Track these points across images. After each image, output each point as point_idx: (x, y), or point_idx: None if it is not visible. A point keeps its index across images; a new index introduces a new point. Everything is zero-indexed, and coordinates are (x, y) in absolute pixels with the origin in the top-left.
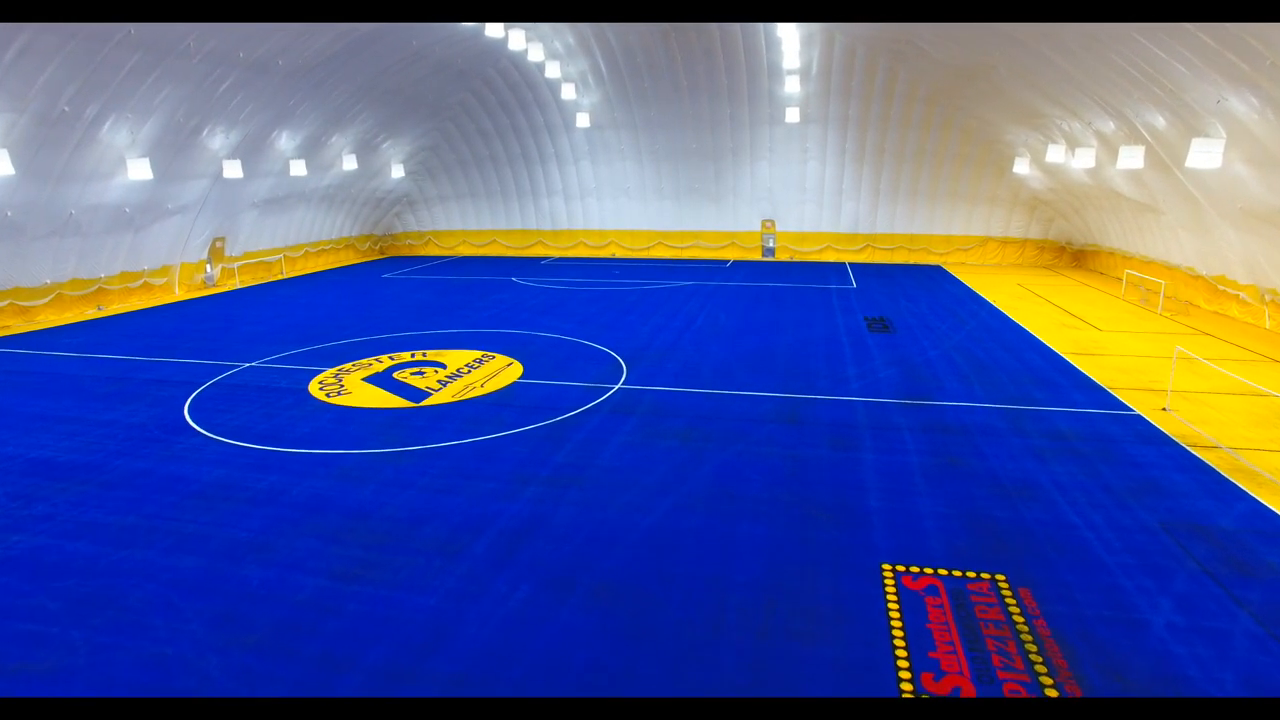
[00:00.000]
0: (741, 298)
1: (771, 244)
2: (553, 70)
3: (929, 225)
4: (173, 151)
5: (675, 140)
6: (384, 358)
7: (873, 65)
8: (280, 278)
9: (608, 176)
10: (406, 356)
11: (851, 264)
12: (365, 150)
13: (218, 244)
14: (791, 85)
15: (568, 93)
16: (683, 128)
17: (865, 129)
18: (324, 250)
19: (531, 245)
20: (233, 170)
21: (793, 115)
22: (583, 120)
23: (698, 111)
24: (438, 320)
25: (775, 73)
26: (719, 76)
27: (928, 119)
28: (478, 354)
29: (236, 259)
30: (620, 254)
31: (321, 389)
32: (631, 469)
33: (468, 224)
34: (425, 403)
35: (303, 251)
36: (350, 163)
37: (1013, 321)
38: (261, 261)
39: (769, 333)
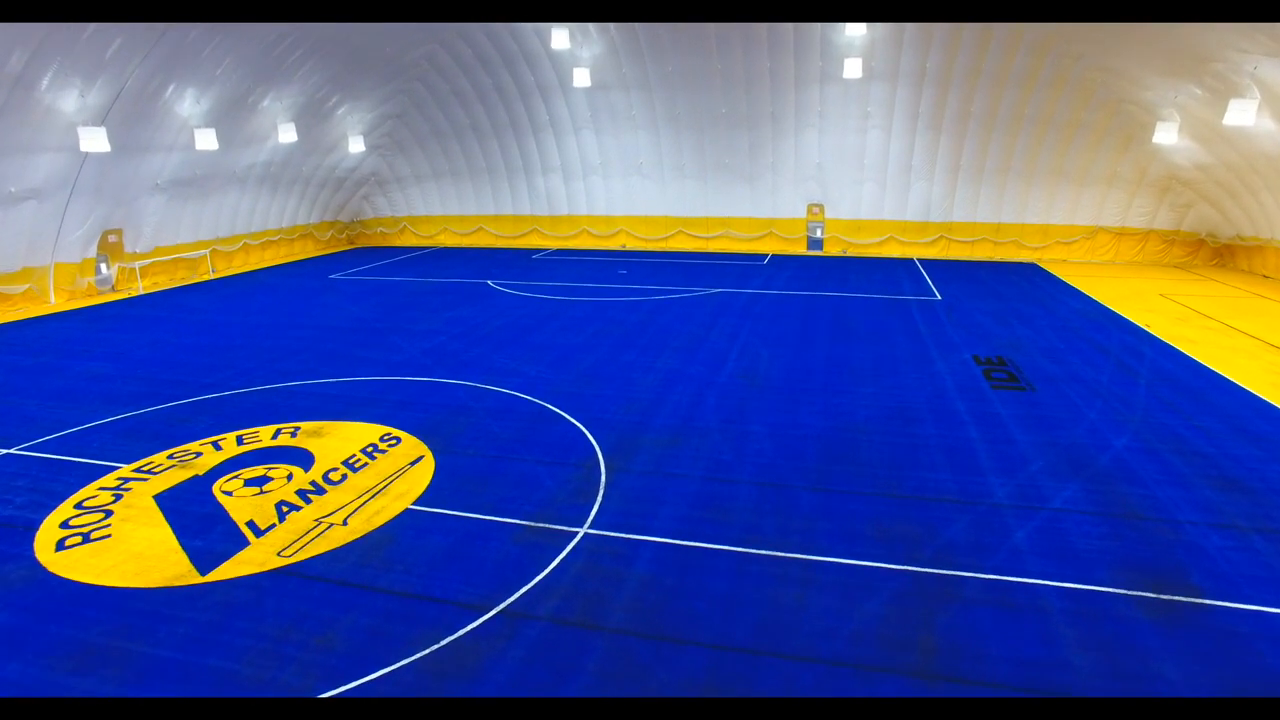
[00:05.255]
0: (788, 316)
1: (819, 234)
2: None
3: (1020, 212)
4: None
5: (700, 103)
6: (229, 439)
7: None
8: (206, 278)
9: (615, 150)
10: (268, 435)
11: (921, 260)
12: (312, 117)
13: (110, 238)
14: (853, 29)
15: (559, 40)
16: (710, 87)
17: (947, 87)
18: (271, 242)
19: (525, 234)
20: (95, 141)
21: (852, 69)
22: (581, 78)
23: (729, 66)
24: (363, 351)
25: None
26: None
27: (1032, 73)
28: (381, 430)
29: (143, 256)
30: (631, 245)
31: (67, 527)
32: None
33: (449, 208)
34: (230, 564)
35: (240, 244)
36: (288, 134)
37: (1202, 366)
38: (180, 259)
39: (839, 389)
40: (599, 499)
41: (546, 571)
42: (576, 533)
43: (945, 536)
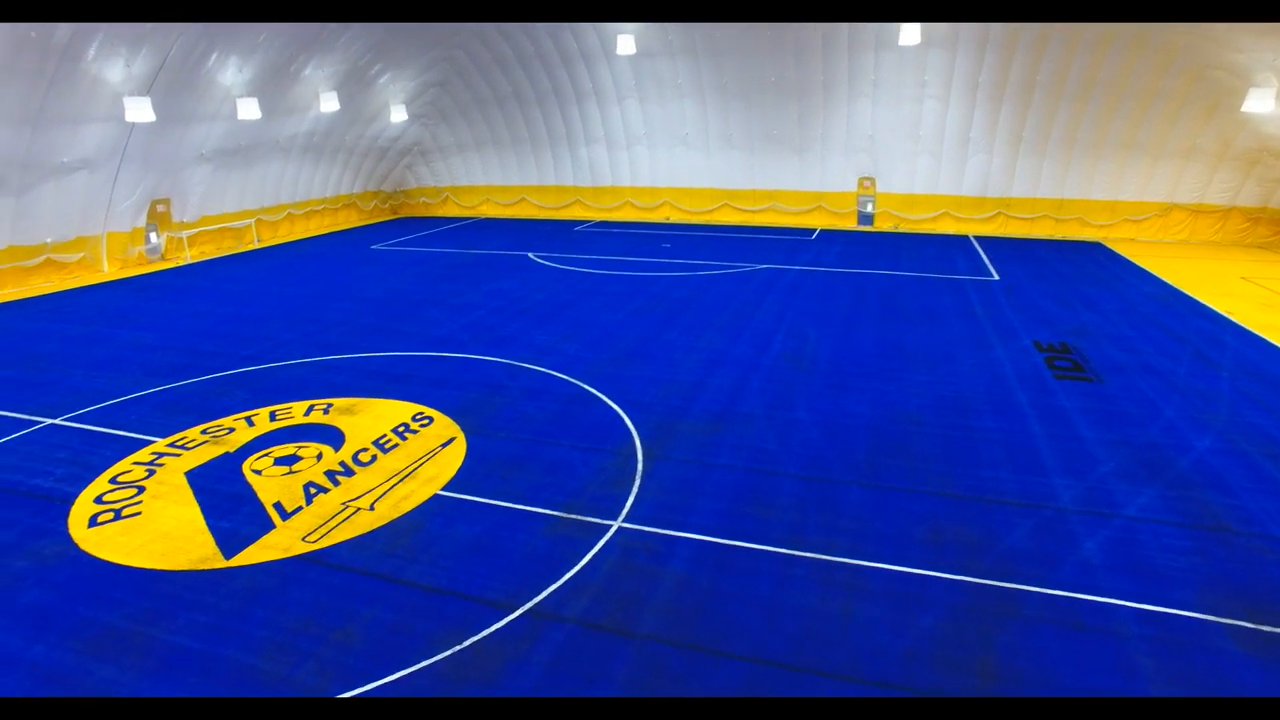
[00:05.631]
0: (837, 295)
1: (870, 209)
2: None
3: (1086, 188)
4: (45, 85)
5: (748, 71)
6: (262, 415)
7: None
8: (252, 247)
9: (660, 120)
10: (300, 411)
11: (977, 237)
12: (354, 86)
13: (159, 207)
14: None
15: None
16: (758, 54)
17: (1011, 52)
18: (315, 211)
19: (567, 205)
20: (140, 112)
21: (910, 35)
22: (625, 45)
23: (779, 32)
24: (401, 324)
25: None
26: None
27: (1107, 35)
28: (414, 409)
29: (190, 225)
30: (676, 219)
31: (101, 503)
32: None
33: (491, 179)
34: (254, 549)
35: (284, 214)
36: (330, 103)
37: None
38: (226, 228)
39: (890, 375)
40: (635, 489)
41: (577, 569)
42: (610, 526)
43: (1006, 543)
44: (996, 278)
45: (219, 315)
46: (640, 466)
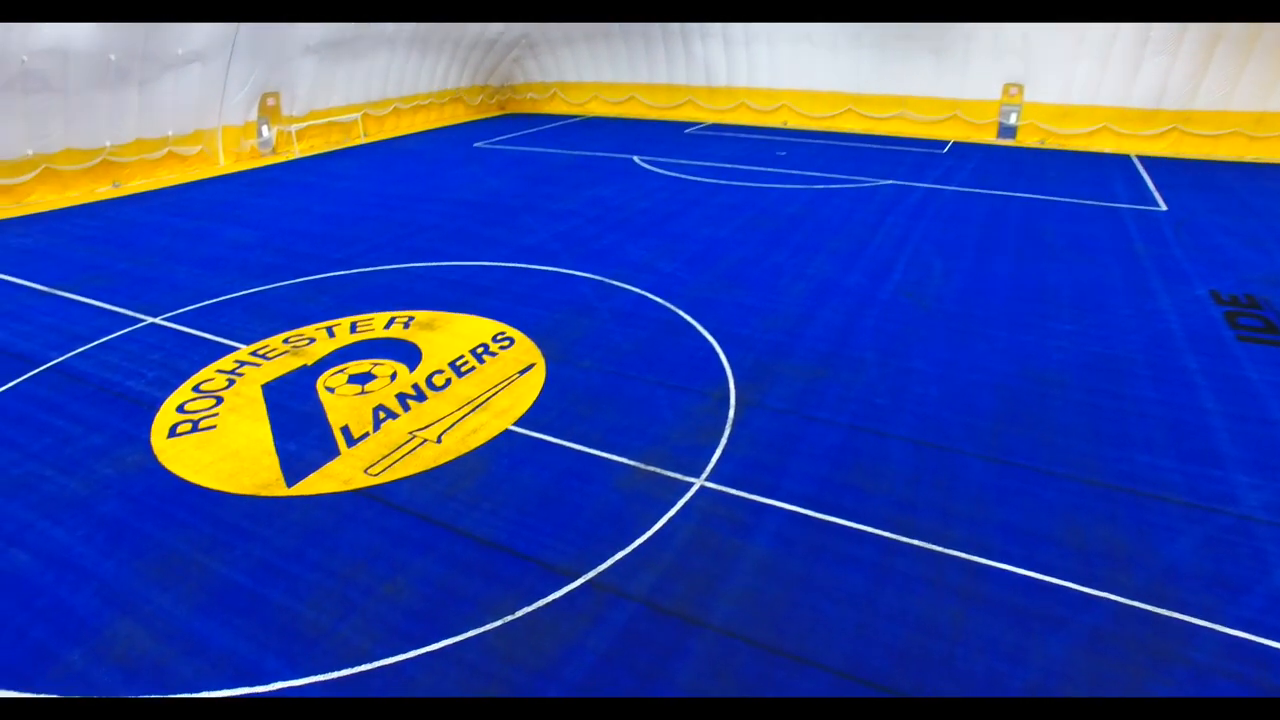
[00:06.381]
0: (968, 220)
1: (1014, 120)
2: None
3: None
4: None
5: None
6: (343, 325)
7: None
8: (358, 142)
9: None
10: (381, 323)
11: (1142, 157)
12: None
13: (269, 101)
14: None
15: None
16: None
17: None
18: (421, 106)
19: (679, 105)
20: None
21: None
22: None
23: None
24: (493, 231)
25: None
26: None
27: None
28: (495, 329)
29: (299, 119)
30: (794, 124)
31: (182, 411)
32: None
33: (601, 75)
34: (316, 477)
35: (390, 108)
36: None
37: None
38: (334, 122)
39: (1027, 322)
40: (723, 441)
41: (649, 534)
42: (691, 485)
43: (1166, 555)
44: (1164, 208)
45: (317, 214)
46: (731, 414)
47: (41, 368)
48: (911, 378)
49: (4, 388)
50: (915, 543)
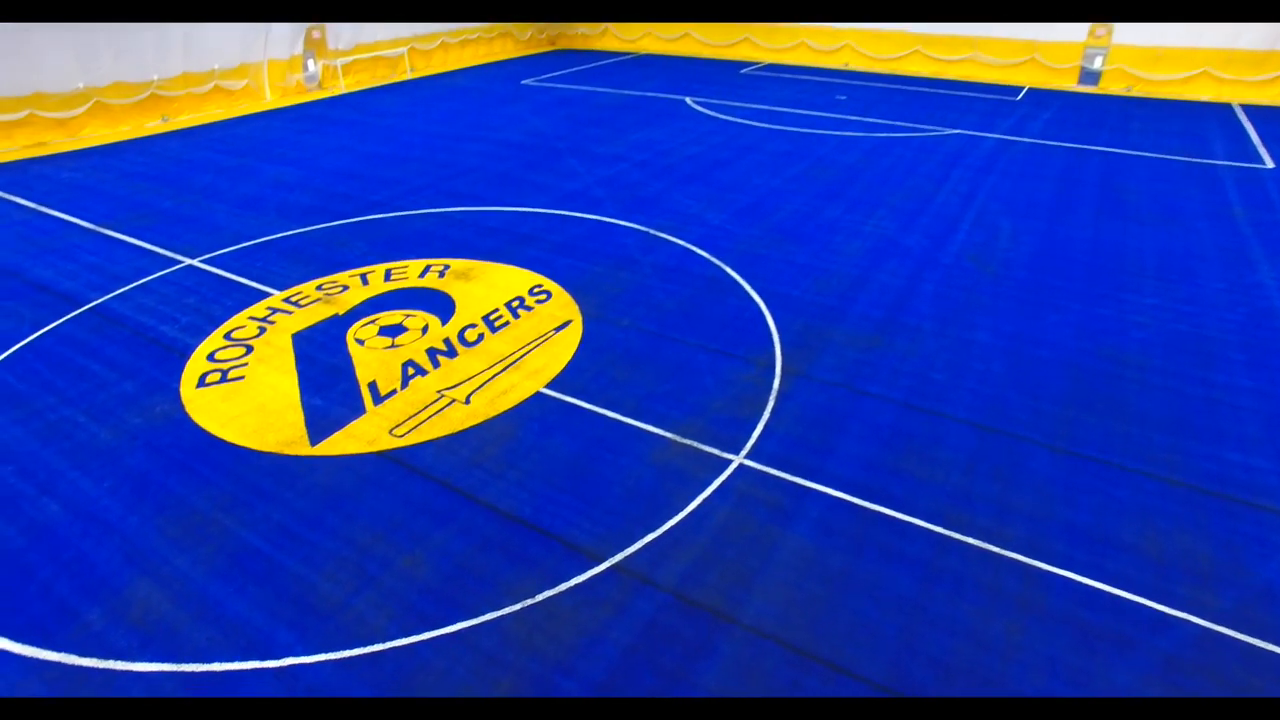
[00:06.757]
0: (1043, 176)
1: (1099, 64)
2: None
3: None
4: None
5: None
6: (377, 273)
7: None
8: (404, 78)
9: None
10: (416, 271)
11: (1247, 108)
12: None
13: (314, 34)
14: None
15: None
16: None
17: None
18: (469, 41)
19: (735, 43)
20: None
21: None
22: None
23: None
24: (536, 174)
25: None
26: None
27: None
28: (532, 280)
29: (345, 54)
30: (856, 65)
31: (213, 360)
32: None
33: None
34: (340, 437)
35: (438, 42)
36: None
37: None
38: (379, 57)
39: (1105, 293)
40: (766, 414)
41: (681, 516)
42: (729, 462)
43: (1261, 575)
44: (1270, 165)
45: (358, 153)
46: (776, 384)
47: (82, 308)
48: (973, 351)
49: (48, 328)
50: (969, 540)
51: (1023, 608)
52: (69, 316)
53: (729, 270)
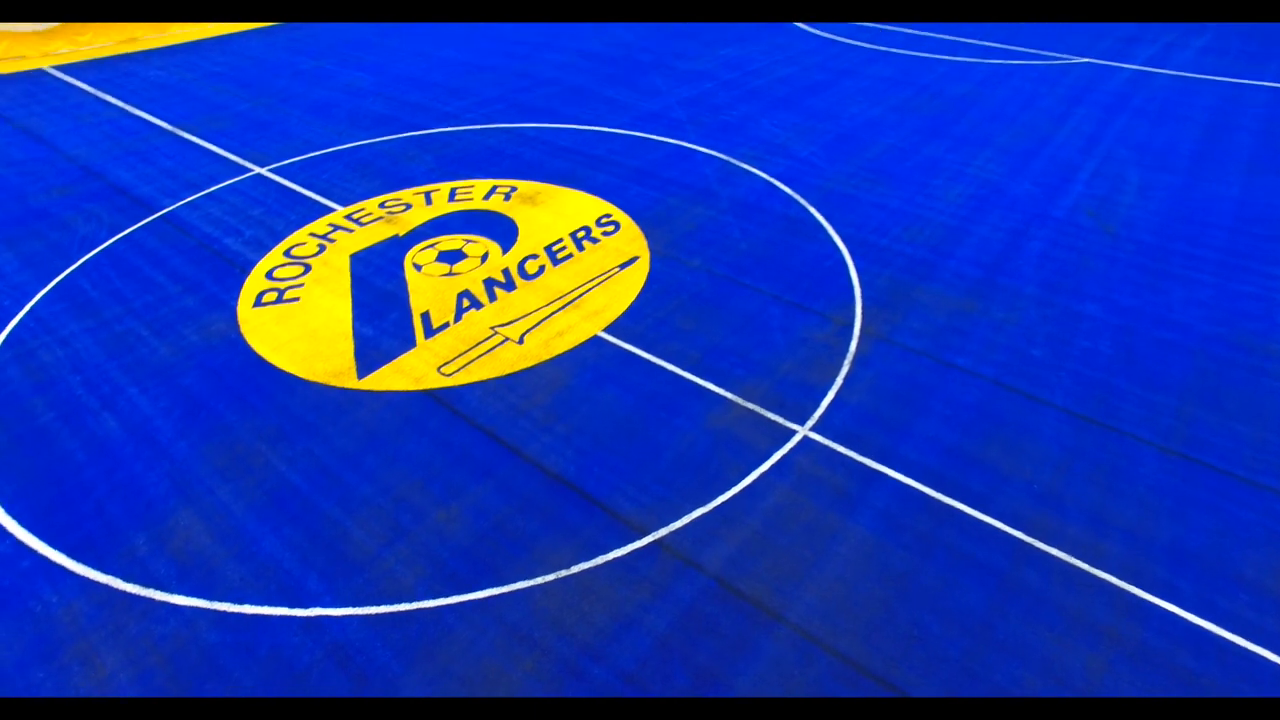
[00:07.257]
0: (1184, 118)
1: None
2: None
3: None
4: None
5: None
6: (442, 191)
7: None
8: None
9: None
10: (481, 192)
11: None
12: None
13: None
14: None
15: None
16: None
17: None
18: None
19: None
20: None
21: None
22: None
23: None
24: (615, 90)
25: None
26: None
27: None
28: (600, 210)
29: None
30: None
31: (271, 278)
32: None
33: None
34: (387, 371)
35: None
36: None
37: None
38: None
39: (1248, 264)
40: (838, 381)
41: (734, 491)
42: (793, 433)
43: None
44: None
45: (436, 59)
46: (853, 346)
47: (155, 215)
48: (1080, 325)
49: (123, 234)
50: (1054, 552)
51: (1110, 642)
52: (142, 223)
53: (813, 210)
